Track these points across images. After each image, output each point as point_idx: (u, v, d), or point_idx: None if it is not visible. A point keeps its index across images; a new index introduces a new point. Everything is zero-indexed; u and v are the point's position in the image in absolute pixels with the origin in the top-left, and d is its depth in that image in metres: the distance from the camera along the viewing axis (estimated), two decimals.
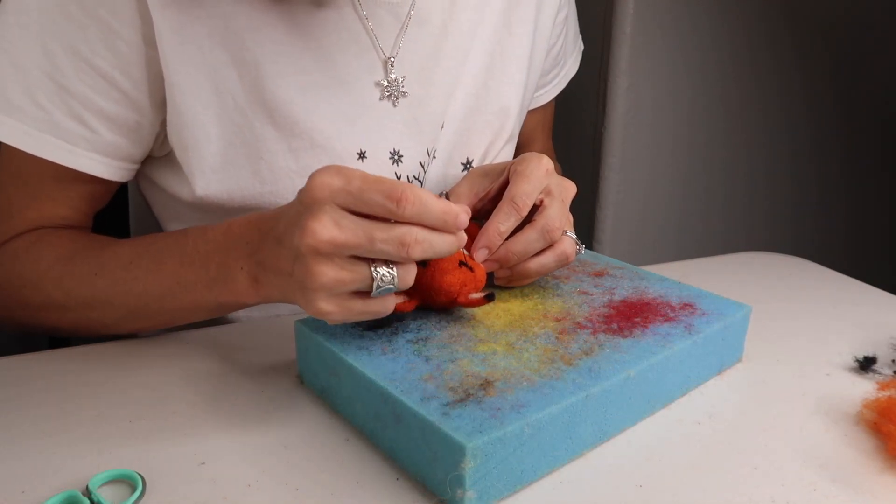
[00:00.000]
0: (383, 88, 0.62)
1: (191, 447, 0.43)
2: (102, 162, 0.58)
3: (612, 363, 0.44)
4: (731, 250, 0.82)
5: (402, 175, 0.64)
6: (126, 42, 0.54)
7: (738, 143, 1.36)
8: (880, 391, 0.49)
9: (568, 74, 0.83)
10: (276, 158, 0.59)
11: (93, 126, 0.56)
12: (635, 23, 1.17)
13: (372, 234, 0.40)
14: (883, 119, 1.48)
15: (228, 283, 0.49)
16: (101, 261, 0.55)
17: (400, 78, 0.63)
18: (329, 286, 0.41)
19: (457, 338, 0.47)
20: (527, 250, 0.52)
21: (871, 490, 0.40)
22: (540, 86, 0.79)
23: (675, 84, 1.25)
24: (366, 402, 0.43)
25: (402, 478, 0.41)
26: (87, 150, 0.56)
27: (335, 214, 0.40)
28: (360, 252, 0.41)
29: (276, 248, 0.44)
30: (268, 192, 0.59)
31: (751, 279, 0.72)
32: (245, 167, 0.59)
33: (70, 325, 0.57)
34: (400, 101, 0.63)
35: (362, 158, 0.62)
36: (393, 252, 0.41)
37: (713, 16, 1.24)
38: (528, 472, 0.40)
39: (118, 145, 0.58)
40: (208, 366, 0.52)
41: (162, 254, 0.53)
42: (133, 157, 0.60)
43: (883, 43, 1.42)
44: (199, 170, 0.58)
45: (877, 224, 1.58)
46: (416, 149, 0.65)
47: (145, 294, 0.53)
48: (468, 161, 0.69)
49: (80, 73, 0.54)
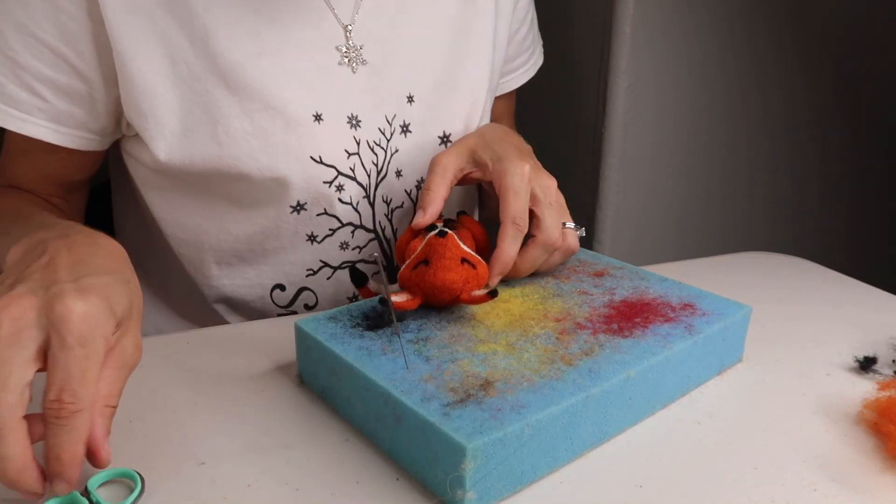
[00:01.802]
0: (342, 53, 0.63)
1: (191, 447, 0.43)
2: (58, 130, 0.60)
3: (613, 363, 0.44)
4: (731, 250, 0.82)
5: (361, 140, 0.64)
6: (70, 17, 0.55)
7: (739, 142, 1.36)
8: (880, 391, 0.49)
9: (536, 64, 0.85)
10: (232, 122, 0.59)
11: (45, 96, 0.58)
12: (635, 23, 1.17)
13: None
14: (885, 117, 1.48)
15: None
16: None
17: (359, 45, 0.64)
18: None
19: (457, 338, 0.47)
20: (535, 264, 0.56)
21: (871, 490, 0.40)
22: (506, 72, 0.80)
23: (676, 84, 1.25)
24: (366, 403, 0.43)
25: (402, 478, 0.41)
26: (41, 119, 0.59)
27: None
28: None
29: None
30: (226, 155, 0.60)
31: (751, 279, 0.72)
32: (203, 132, 0.60)
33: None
34: (359, 68, 0.64)
35: (318, 121, 0.62)
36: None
37: (713, 15, 1.24)
38: (529, 473, 0.40)
39: (73, 114, 0.60)
40: (208, 366, 0.52)
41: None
42: (90, 128, 0.61)
43: (886, 41, 1.42)
44: (161, 135, 0.59)
45: (878, 224, 1.58)
46: (375, 117, 0.65)
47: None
48: (445, 135, 0.69)
49: (28, 48, 0.56)
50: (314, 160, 0.61)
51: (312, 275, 0.67)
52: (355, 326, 0.49)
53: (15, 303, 0.35)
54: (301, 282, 0.67)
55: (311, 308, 0.69)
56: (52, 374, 0.34)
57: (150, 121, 0.59)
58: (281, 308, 0.68)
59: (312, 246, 0.65)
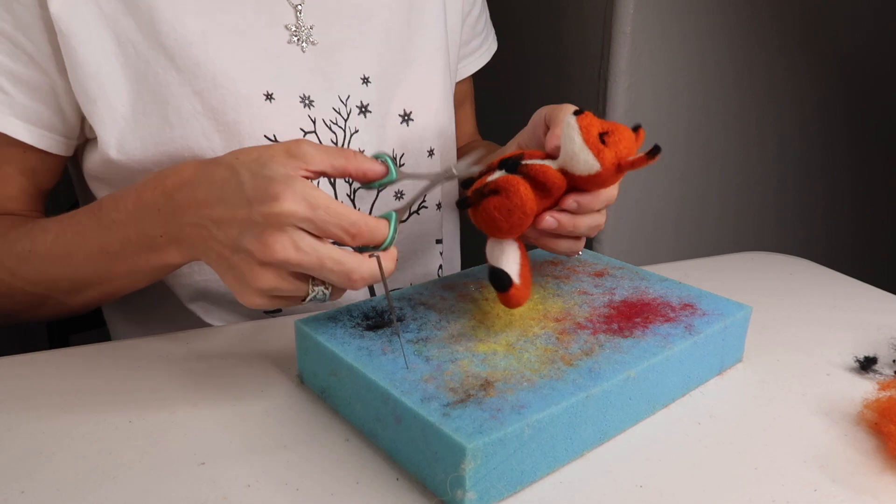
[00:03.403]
0: (291, 32, 0.63)
1: (191, 447, 0.43)
2: (24, 128, 0.59)
3: (613, 363, 0.44)
4: (731, 250, 0.82)
5: (317, 118, 0.64)
6: (21, 4, 0.55)
7: (739, 142, 1.36)
8: (881, 391, 0.49)
9: (490, 49, 0.86)
10: (182, 102, 0.59)
11: (6, 89, 0.57)
12: (635, 23, 1.17)
13: (323, 262, 0.43)
14: (888, 115, 1.48)
15: (154, 250, 0.51)
16: (32, 236, 0.57)
17: (309, 25, 0.64)
18: (267, 290, 0.44)
19: (457, 338, 0.47)
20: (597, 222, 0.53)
21: (871, 490, 0.40)
22: (462, 56, 0.81)
23: (676, 84, 1.25)
24: (366, 403, 0.43)
25: (402, 478, 0.41)
26: (6, 114, 0.58)
27: (295, 237, 0.42)
28: (307, 272, 0.44)
29: (211, 229, 0.46)
30: (178, 136, 0.60)
31: (751, 279, 0.72)
32: (154, 113, 0.59)
33: (27, 307, 0.59)
34: (308, 48, 0.64)
35: (270, 100, 0.62)
36: (337, 281, 0.44)
37: (714, 15, 1.24)
38: (529, 473, 0.40)
39: (37, 111, 0.59)
40: (208, 366, 0.52)
41: (81, 226, 0.54)
42: (56, 128, 0.60)
43: (891, 39, 1.42)
44: (112, 119, 0.59)
45: (879, 224, 1.57)
46: (328, 97, 0.65)
47: (80, 265, 0.55)
48: (406, 112, 0.69)
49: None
50: (269, 139, 0.61)
51: None
52: (355, 326, 0.49)
53: (276, 231, 0.42)
54: None
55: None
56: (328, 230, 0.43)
57: (99, 105, 0.58)
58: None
59: None
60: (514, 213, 0.47)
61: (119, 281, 0.56)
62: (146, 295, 0.70)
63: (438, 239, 0.76)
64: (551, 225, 0.50)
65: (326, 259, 0.43)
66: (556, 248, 0.53)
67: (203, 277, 0.66)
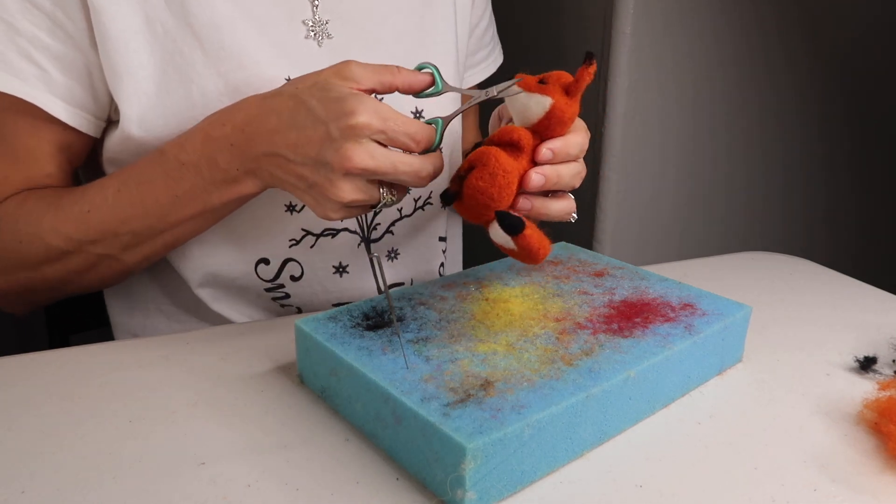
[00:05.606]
0: (308, 27, 0.64)
1: (191, 447, 0.43)
2: (62, 106, 0.59)
3: (613, 363, 0.44)
4: (732, 250, 0.82)
5: None
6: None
7: (739, 142, 1.36)
8: (880, 391, 0.49)
9: (496, 61, 0.87)
10: (207, 82, 0.60)
11: (43, 65, 0.58)
12: (635, 23, 1.17)
13: (396, 166, 0.48)
14: (889, 114, 1.48)
15: (228, 184, 0.55)
16: (88, 198, 0.58)
17: (325, 20, 0.65)
18: (346, 202, 0.49)
19: (457, 338, 0.47)
20: (570, 152, 0.54)
21: (871, 490, 0.40)
22: (468, 66, 0.82)
23: (676, 84, 1.25)
24: (366, 403, 0.43)
25: (402, 478, 0.41)
26: (42, 91, 0.58)
27: (370, 146, 0.48)
28: (383, 178, 0.49)
29: (287, 154, 0.50)
30: (200, 115, 0.60)
31: (751, 279, 0.72)
32: (178, 92, 0.60)
33: (77, 272, 0.60)
34: (325, 42, 0.65)
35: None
36: (409, 180, 0.50)
37: (714, 15, 1.24)
38: (529, 473, 0.40)
39: (71, 89, 0.59)
40: (208, 366, 0.52)
41: (146, 175, 0.57)
42: (88, 107, 0.61)
43: (893, 39, 1.42)
44: (136, 95, 0.59)
45: (879, 223, 1.57)
46: None
47: (146, 215, 0.57)
48: (418, 110, 0.70)
49: (24, 13, 0.56)
50: None
51: (295, 244, 0.66)
52: (355, 326, 0.49)
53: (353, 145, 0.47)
54: (285, 253, 0.67)
55: (298, 279, 0.68)
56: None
57: (125, 80, 0.59)
58: (267, 282, 0.68)
59: (292, 216, 0.65)
60: (497, 175, 0.49)
61: (185, 226, 0.58)
62: (154, 282, 0.70)
63: (442, 236, 0.76)
64: (538, 181, 0.52)
65: (399, 163, 0.48)
66: (551, 211, 0.54)
67: (213, 261, 0.66)
